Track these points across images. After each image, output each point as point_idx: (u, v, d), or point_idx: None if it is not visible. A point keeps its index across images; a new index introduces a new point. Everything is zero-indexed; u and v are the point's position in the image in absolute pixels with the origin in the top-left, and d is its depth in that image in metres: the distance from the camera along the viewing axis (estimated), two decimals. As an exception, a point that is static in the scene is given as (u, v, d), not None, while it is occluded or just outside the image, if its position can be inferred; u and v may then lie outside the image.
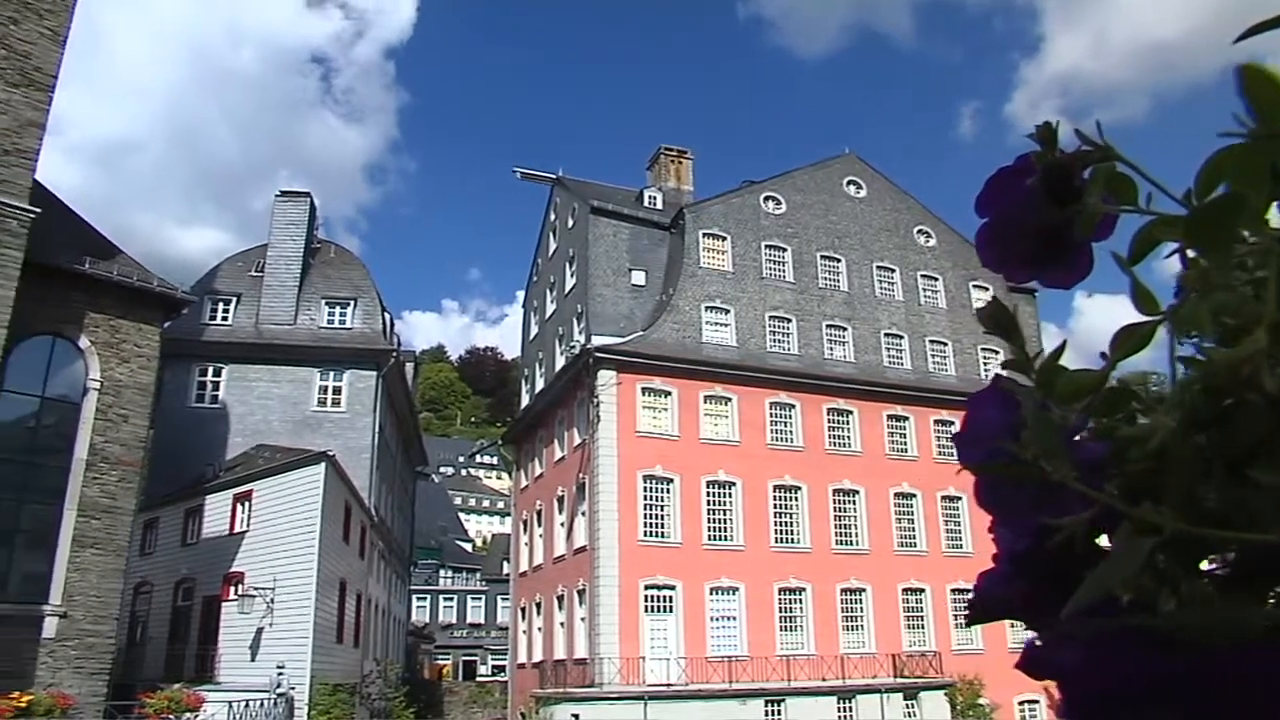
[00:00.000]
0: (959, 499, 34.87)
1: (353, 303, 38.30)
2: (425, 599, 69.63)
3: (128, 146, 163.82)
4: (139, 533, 27.15)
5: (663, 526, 31.10)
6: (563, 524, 34.61)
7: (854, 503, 34.55)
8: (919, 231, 41.99)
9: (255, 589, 26.30)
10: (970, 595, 0.60)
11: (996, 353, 39.10)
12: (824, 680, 29.90)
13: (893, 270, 40.59)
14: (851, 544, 33.92)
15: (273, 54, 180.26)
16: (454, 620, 70.36)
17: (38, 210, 19.62)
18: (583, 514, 32.38)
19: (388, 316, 40.62)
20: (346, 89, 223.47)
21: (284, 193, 40.74)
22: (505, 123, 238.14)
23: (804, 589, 32.11)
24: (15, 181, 19.54)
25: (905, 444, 36.57)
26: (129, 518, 21.31)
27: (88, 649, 19.75)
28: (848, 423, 35.70)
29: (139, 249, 25.57)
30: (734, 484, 32.24)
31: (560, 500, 34.94)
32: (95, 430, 20.89)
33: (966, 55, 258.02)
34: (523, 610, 39.24)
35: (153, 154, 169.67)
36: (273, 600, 25.99)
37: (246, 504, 28.93)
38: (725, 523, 31.93)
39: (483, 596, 71.09)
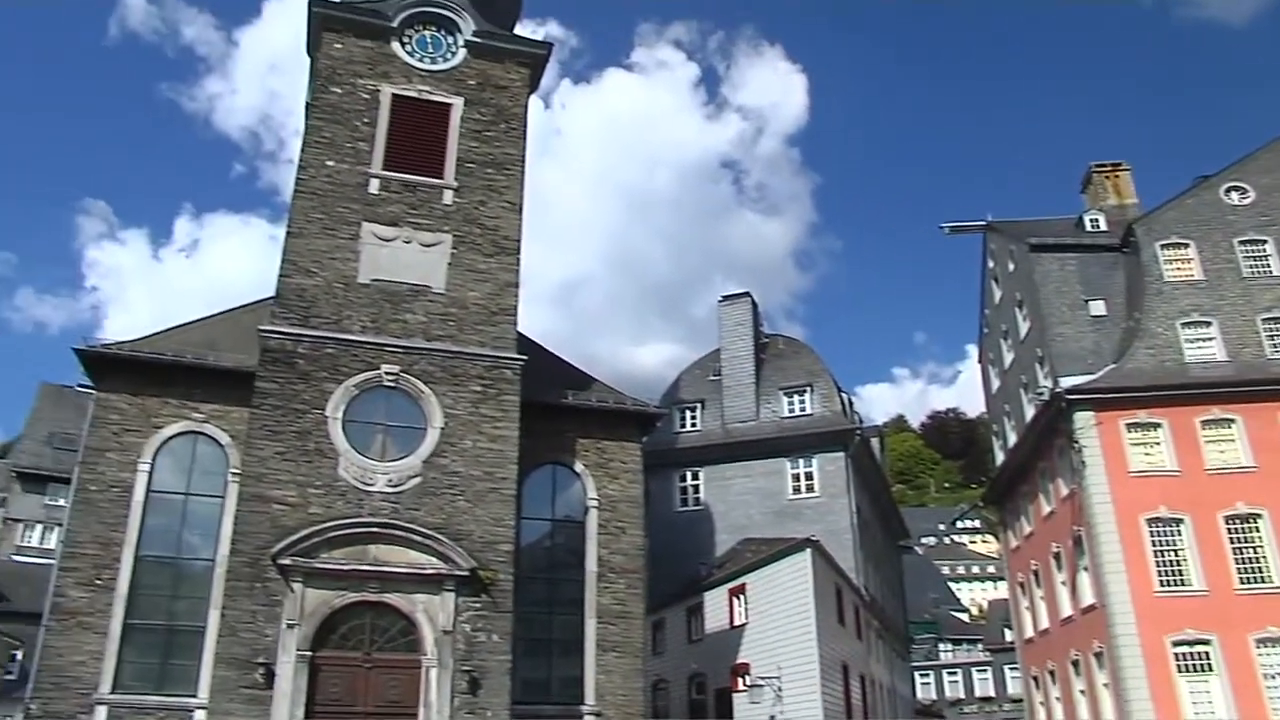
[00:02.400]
0: None
1: (809, 389, 39.22)
2: (928, 675, 67.66)
3: (579, 283, 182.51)
4: (649, 633, 29.19)
5: (1180, 574, 27.75)
6: (1064, 583, 32.16)
7: None
8: None
9: (762, 678, 27.15)
10: None
11: None
12: None
13: None
14: None
15: (686, 170, 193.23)
16: (962, 695, 67.50)
17: (525, 357, 22.48)
18: (1085, 569, 29.88)
19: (844, 396, 40.98)
20: (759, 185, 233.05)
21: (725, 297, 43.14)
22: (917, 182, 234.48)
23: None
24: (504, 336, 22.60)
25: None
26: (640, 621, 23.02)
27: (622, 746, 21.51)
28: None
29: (604, 372, 28.16)
30: (1259, 515, 28.12)
31: (1057, 557, 32.57)
32: (600, 544, 23.05)
33: None
34: (1035, 680, 36.73)
35: (600, 285, 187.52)
36: (780, 688, 26.63)
37: (741, 597, 30.17)
38: (1258, 562, 27.85)
39: (988, 668, 67.57)
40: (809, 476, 36.82)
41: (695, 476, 38.18)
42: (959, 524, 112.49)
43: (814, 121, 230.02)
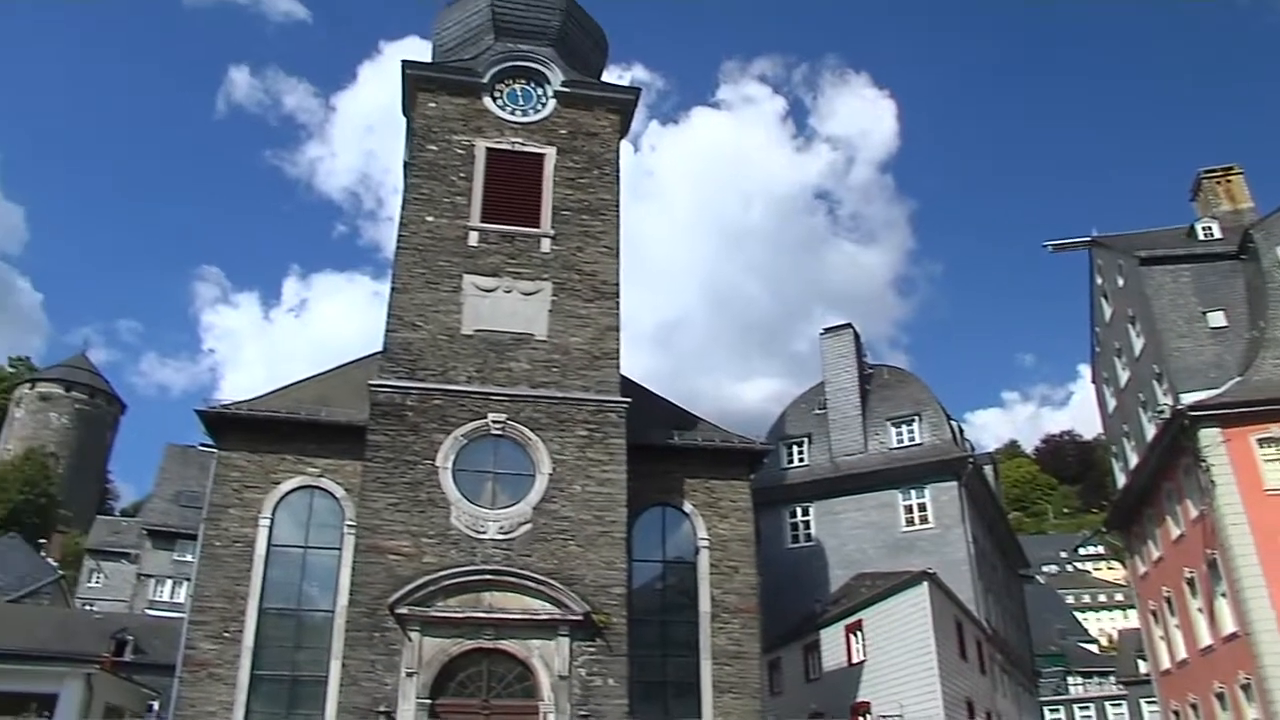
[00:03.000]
0: None
1: (917, 418, 38.45)
2: (1058, 710, 65.02)
3: (678, 323, 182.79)
4: (766, 673, 28.72)
5: (1330, 597, 26.20)
6: (1200, 610, 30.61)
7: None
8: None
9: (883, 717, 26.45)
10: None
11: None
12: None
13: None
14: None
15: (779, 204, 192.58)
16: (1097, 730, 64.75)
17: (629, 400, 22.56)
18: (1222, 595, 28.37)
19: (954, 424, 40.03)
20: (853, 214, 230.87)
21: (827, 329, 42.70)
22: (1016, 200, 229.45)
23: None
24: (608, 380, 22.75)
25: None
26: (756, 661, 22.66)
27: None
28: None
29: (708, 410, 28.05)
30: None
31: (1190, 583, 31.02)
32: (712, 584, 22.82)
33: None
34: (1176, 715, 34.93)
35: (699, 323, 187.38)
36: (904, 727, 25.92)
37: (859, 634, 29.53)
38: None
39: (1123, 702, 64.53)
40: (922, 508, 35.98)
41: (805, 512, 37.68)
42: (1081, 551, 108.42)
43: (905, 146, 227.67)
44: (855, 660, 29.37)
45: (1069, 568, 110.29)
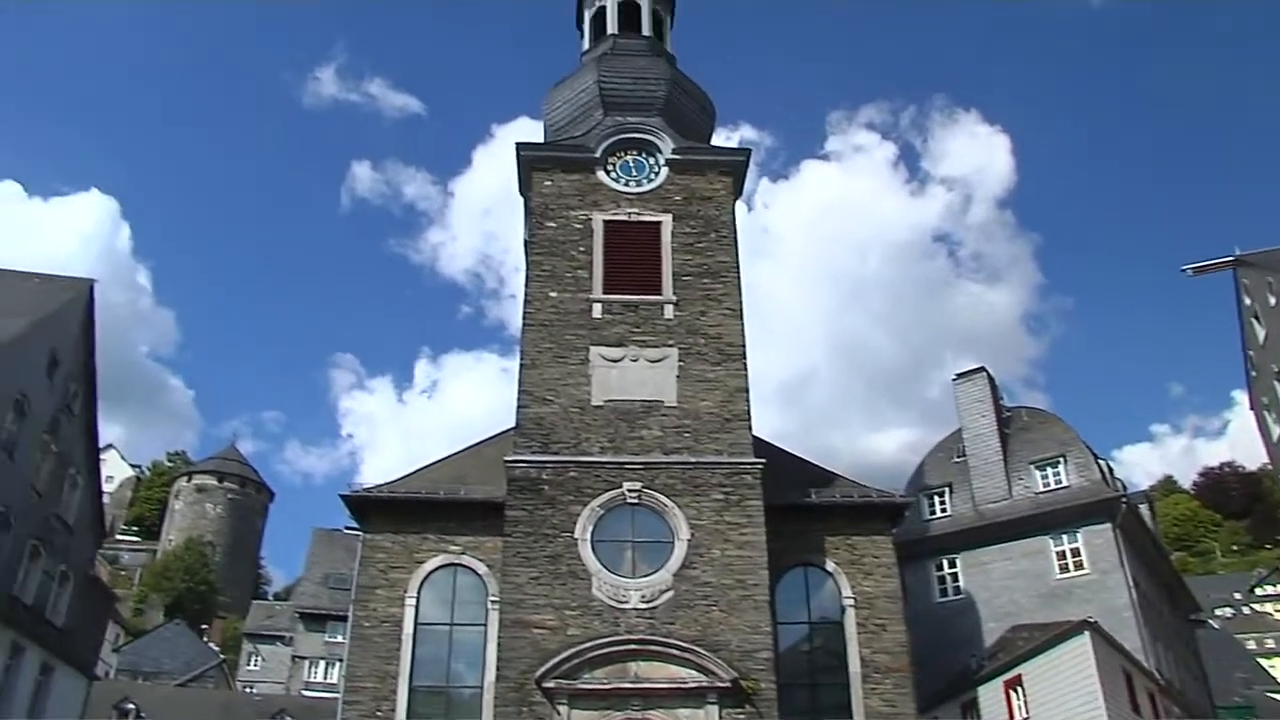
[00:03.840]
0: None
1: (1062, 460, 36.94)
2: (1250, 765, 60.49)
3: (805, 378, 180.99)
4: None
5: None
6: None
7: None
8: None
9: (1056, 779, 25.10)
10: None
11: None
12: None
13: None
14: None
15: (897, 250, 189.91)
16: (1296, 787, 59.88)
17: (763, 461, 22.37)
18: None
19: (1102, 462, 38.30)
20: (975, 254, 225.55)
21: (959, 375, 41.59)
22: (1147, 224, 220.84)
23: None
24: (740, 442, 22.64)
25: None
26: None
27: None
28: None
29: (842, 464, 27.65)
30: None
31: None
32: (861, 643, 22.17)
33: None
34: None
35: (827, 377, 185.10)
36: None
37: (1019, 689, 28.19)
38: None
39: (1325, 754, 59.78)
40: (1075, 553, 34.36)
41: (952, 564, 36.46)
42: (1258, 590, 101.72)
43: (1023, 180, 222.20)
44: (1018, 717, 28.03)
45: (1245, 609, 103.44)
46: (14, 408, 26.65)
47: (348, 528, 24.88)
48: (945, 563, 36.58)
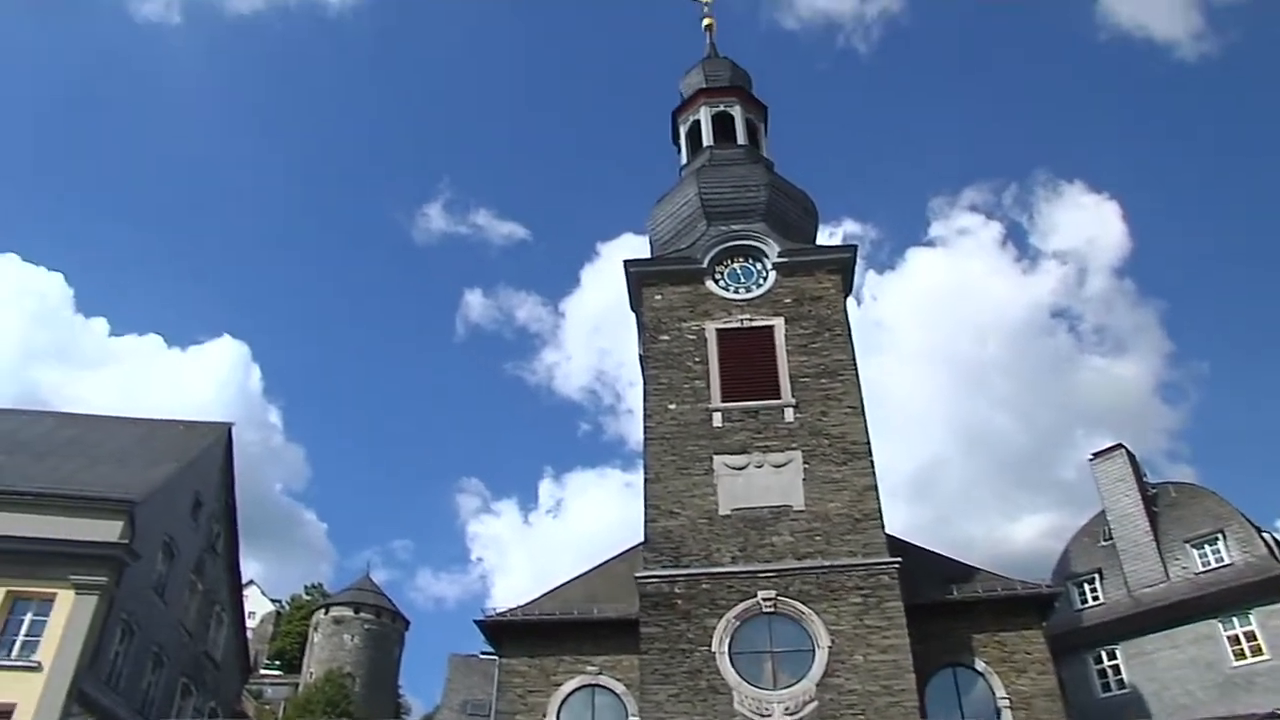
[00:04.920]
0: None
1: (1220, 536, 34.79)
2: None
3: (932, 469, 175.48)
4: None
5: None
6: None
7: None
8: None
9: None
10: None
11: None
12: None
13: None
14: None
15: (1015, 331, 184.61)
16: None
17: (899, 560, 21.73)
18: None
19: (1267, 536, 35.93)
20: (1097, 327, 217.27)
21: (1096, 454, 39.94)
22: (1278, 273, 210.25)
23: None
24: (873, 542, 22.09)
25: None
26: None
27: None
28: None
29: (980, 556, 26.66)
30: None
31: None
32: (1022, 748, 21.02)
33: None
34: None
35: (954, 467, 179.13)
36: None
37: (1203, 790, 26.21)
38: None
39: None
40: (1250, 636, 31.96)
41: (1112, 655, 34.34)
42: None
43: (1139, 245, 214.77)
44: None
45: None
46: (163, 550, 27.81)
47: (483, 653, 24.92)
48: (1104, 654, 34.49)
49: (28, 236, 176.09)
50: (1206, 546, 34.84)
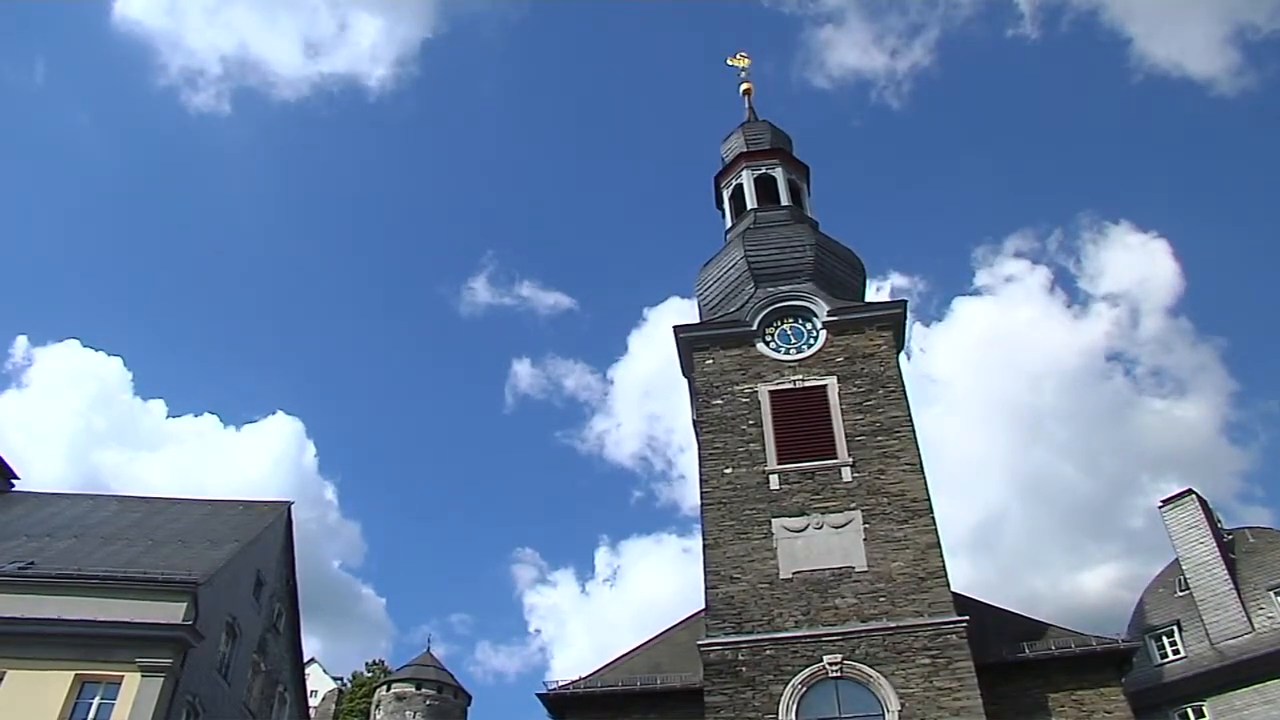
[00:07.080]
0: None
1: (1305, 581, 33.65)
2: None
3: (994, 523, 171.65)
4: None
5: None
6: None
7: None
8: None
9: None
10: None
11: None
12: None
13: None
14: None
15: (1069, 377, 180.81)
16: None
17: (966, 618, 21.17)
18: None
19: (1352, 579, 34.68)
20: (1154, 369, 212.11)
21: (1165, 500, 38.87)
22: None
23: None
24: (939, 601, 21.60)
25: None
26: None
27: None
28: None
29: (1048, 611, 25.99)
30: None
31: None
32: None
33: None
34: None
35: (1017, 519, 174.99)
36: None
37: None
38: None
39: None
40: (1348, 687, 30.69)
41: (1199, 713, 32.92)
42: None
43: (1193, 282, 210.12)
44: None
45: None
46: (227, 630, 27.97)
47: (548, 726, 24.64)
48: (1190, 712, 33.14)
49: (88, 322, 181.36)
50: (1292, 592, 33.59)
